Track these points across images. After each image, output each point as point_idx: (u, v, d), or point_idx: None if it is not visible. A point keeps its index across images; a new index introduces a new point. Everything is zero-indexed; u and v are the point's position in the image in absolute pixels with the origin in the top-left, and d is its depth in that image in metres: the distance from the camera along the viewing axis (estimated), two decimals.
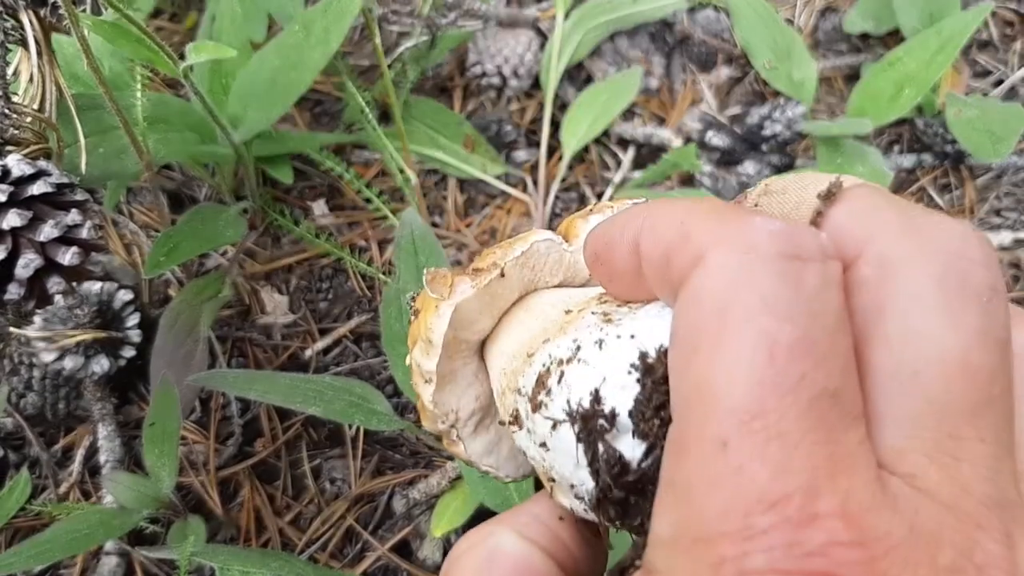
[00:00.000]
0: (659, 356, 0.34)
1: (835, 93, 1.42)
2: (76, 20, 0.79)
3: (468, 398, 0.46)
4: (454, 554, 0.40)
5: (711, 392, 0.27)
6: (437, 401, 0.44)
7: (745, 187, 1.32)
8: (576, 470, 0.36)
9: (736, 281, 0.28)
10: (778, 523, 0.25)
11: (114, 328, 1.14)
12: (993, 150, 1.15)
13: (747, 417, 0.26)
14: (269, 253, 1.29)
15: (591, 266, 0.40)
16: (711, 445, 0.26)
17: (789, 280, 0.27)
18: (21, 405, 1.14)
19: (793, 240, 0.28)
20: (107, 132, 0.95)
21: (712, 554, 0.25)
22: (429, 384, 0.43)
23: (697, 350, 0.28)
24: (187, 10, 1.47)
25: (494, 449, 0.47)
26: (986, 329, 0.29)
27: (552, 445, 0.37)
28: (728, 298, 0.27)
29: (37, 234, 0.74)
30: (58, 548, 0.91)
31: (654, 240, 0.32)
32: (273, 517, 1.11)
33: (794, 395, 0.26)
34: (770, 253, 0.28)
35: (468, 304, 0.42)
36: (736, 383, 0.26)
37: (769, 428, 0.25)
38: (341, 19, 1.02)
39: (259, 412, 1.18)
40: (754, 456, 0.25)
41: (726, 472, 0.26)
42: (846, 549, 0.25)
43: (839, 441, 0.26)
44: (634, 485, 0.35)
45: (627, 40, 1.45)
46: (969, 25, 1.19)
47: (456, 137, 1.34)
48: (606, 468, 0.35)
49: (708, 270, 0.28)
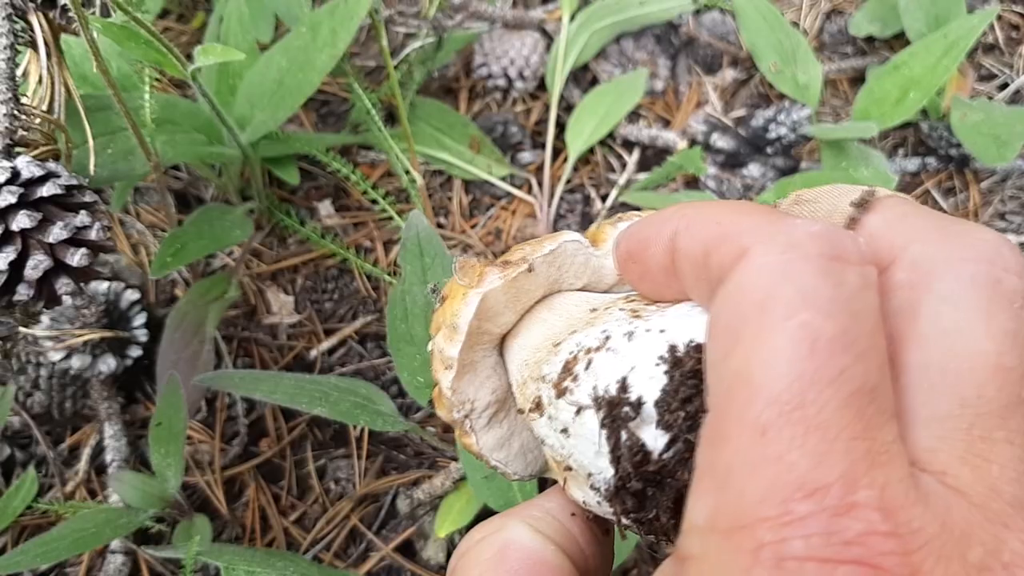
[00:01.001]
0: (688, 351, 0.35)
1: (840, 96, 1.42)
2: (86, 22, 0.80)
3: (485, 390, 0.46)
4: (464, 547, 0.40)
5: (751, 382, 0.27)
6: (455, 389, 0.44)
7: (749, 189, 1.33)
8: (596, 458, 0.37)
9: (779, 276, 0.28)
10: (817, 511, 0.25)
11: (121, 328, 1.14)
12: (998, 154, 1.15)
13: (787, 408, 0.26)
14: (275, 253, 1.29)
15: (623, 264, 0.41)
16: (750, 433, 0.27)
17: (830, 279, 0.28)
18: (28, 404, 1.14)
19: (834, 241, 0.29)
20: (115, 133, 0.95)
21: (750, 539, 0.26)
22: (449, 371, 0.44)
23: (738, 341, 0.28)
24: (194, 10, 1.48)
25: (505, 444, 0.48)
26: (1017, 332, 0.29)
27: (573, 431, 0.38)
28: (770, 292, 0.28)
29: (46, 235, 0.75)
30: (64, 547, 0.91)
31: (693, 237, 0.33)
32: (278, 517, 1.11)
33: (833, 389, 0.26)
34: (812, 252, 0.28)
35: (495, 294, 0.43)
36: (777, 374, 0.27)
37: (808, 419, 0.26)
38: (348, 21, 1.03)
39: (264, 412, 1.18)
40: (793, 445, 0.26)
41: (765, 459, 0.26)
42: (883, 539, 0.25)
43: (875, 437, 0.26)
44: (653, 476, 0.35)
45: (633, 42, 1.45)
46: (975, 29, 1.19)
47: (462, 138, 1.34)
48: (628, 456, 0.35)
49: (751, 266, 0.29)
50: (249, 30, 1.13)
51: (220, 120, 1.04)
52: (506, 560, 0.38)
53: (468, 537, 0.40)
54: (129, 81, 1.05)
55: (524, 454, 0.48)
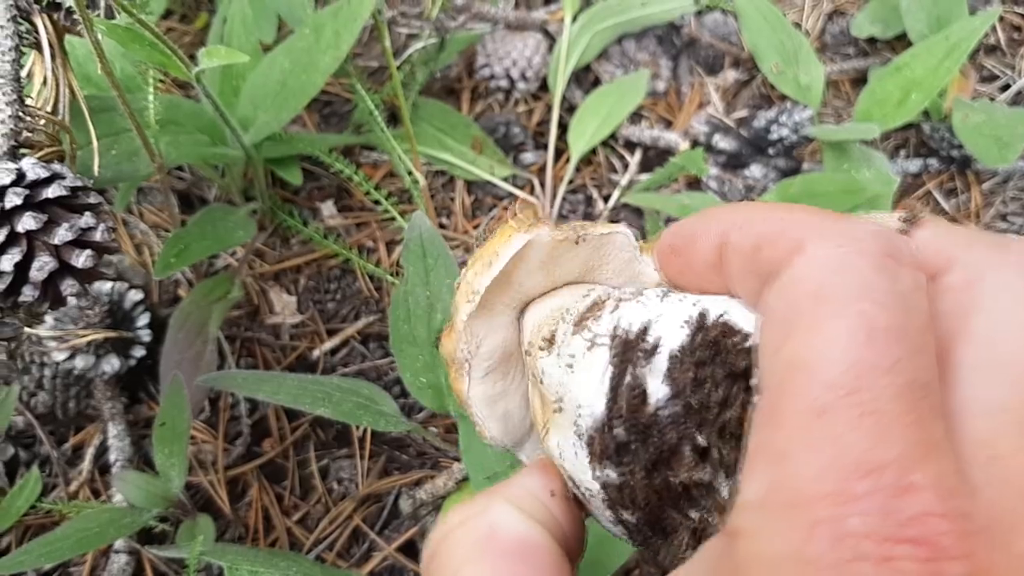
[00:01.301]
0: (716, 322, 0.36)
1: (842, 97, 1.42)
2: (90, 24, 0.80)
3: (495, 338, 0.47)
4: (444, 530, 0.38)
5: (808, 367, 0.28)
6: (469, 324, 0.45)
7: (751, 190, 1.33)
8: (592, 395, 0.37)
9: (836, 268, 0.30)
10: (874, 490, 0.26)
11: (124, 328, 1.15)
12: (1000, 155, 1.16)
13: (843, 392, 0.27)
14: (278, 254, 1.30)
15: (664, 258, 0.42)
16: (807, 415, 0.27)
17: (885, 273, 0.29)
18: (32, 404, 1.15)
19: (889, 240, 0.31)
20: (119, 134, 0.96)
21: (807, 516, 0.26)
22: (470, 304, 0.44)
23: (795, 328, 0.29)
24: (197, 11, 1.48)
25: (492, 403, 0.48)
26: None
27: (578, 364, 0.39)
28: (827, 283, 0.29)
29: (52, 237, 0.75)
30: (68, 546, 0.92)
31: (745, 232, 0.35)
32: (281, 516, 1.12)
33: (889, 378, 0.27)
34: (868, 248, 0.30)
35: (539, 245, 0.44)
36: (834, 359, 0.28)
37: (864, 404, 0.27)
38: (352, 23, 1.03)
39: (267, 412, 1.19)
40: (850, 427, 0.27)
41: (822, 440, 0.27)
42: (940, 520, 0.26)
43: (927, 429, 0.27)
44: (642, 426, 0.36)
45: (635, 43, 1.46)
46: (977, 30, 1.19)
47: (464, 139, 1.35)
48: (626, 395, 0.36)
49: (810, 257, 0.30)
50: (252, 31, 1.13)
51: (223, 121, 1.04)
52: (494, 544, 0.37)
53: (446, 520, 0.39)
54: (133, 82, 1.05)
55: (505, 420, 0.49)
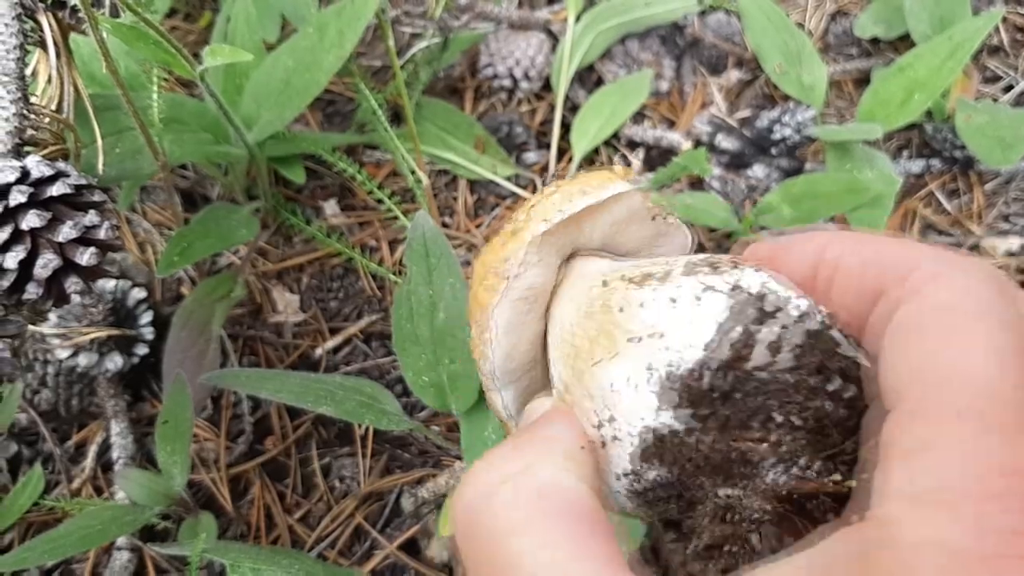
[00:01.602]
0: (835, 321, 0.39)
1: (845, 97, 1.42)
2: (95, 22, 0.80)
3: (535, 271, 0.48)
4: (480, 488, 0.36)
5: (950, 373, 0.32)
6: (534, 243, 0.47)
7: (754, 190, 1.33)
8: (694, 334, 0.38)
9: (966, 290, 0.34)
10: (1019, 489, 0.28)
11: (127, 326, 1.15)
12: (1002, 156, 1.16)
13: (980, 398, 0.30)
14: (281, 252, 1.30)
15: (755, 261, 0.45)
16: (950, 416, 0.31)
17: (1006, 298, 0.34)
18: (35, 401, 1.15)
19: (1001, 276, 0.36)
20: (123, 132, 0.96)
21: (955, 509, 0.28)
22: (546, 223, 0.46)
23: (933, 341, 0.33)
24: (201, 9, 1.48)
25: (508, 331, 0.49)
26: None
27: (683, 302, 0.39)
28: (970, 303, 0.34)
29: (56, 235, 0.75)
30: (70, 543, 0.92)
31: (853, 254, 0.40)
32: (283, 514, 1.12)
33: (1021, 392, 0.31)
34: (986, 277, 0.35)
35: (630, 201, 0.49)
36: (975, 367, 0.31)
37: (1007, 407, 0.30)
38: (355, 22, 1.03)
39: (270, 410, 1.19)
40: (992, 429, 0.30)
41: (963, 440, 0.30)
42: None
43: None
44: (732, 383, 0.37)
45: (638, 43, 1.46)
46: (980, 31, 1.19)
47: (467, 138, 1.35)
48: (732, 346, 0.37)
49: (949, 282, 0.35)
50: (256, 30, 1.14)
51: (227, 120, 1.04)
52: (546, 505, 0.35)
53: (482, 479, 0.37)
54: (137, 81, 1.06)
55: (511, 352, 0.50)
